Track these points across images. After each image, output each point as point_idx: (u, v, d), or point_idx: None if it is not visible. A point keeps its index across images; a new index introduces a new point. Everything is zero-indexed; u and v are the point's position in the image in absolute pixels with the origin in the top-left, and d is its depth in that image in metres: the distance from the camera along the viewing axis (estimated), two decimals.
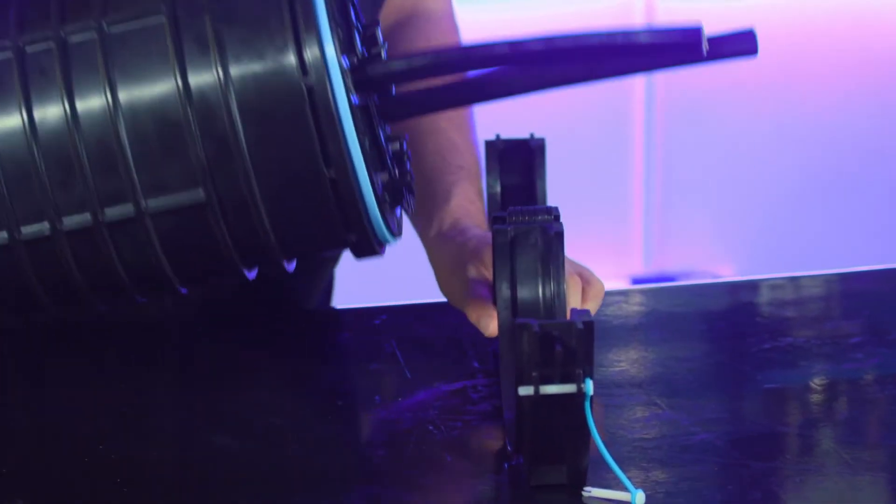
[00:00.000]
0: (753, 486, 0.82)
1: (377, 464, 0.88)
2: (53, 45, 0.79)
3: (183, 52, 0.77)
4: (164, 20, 0.78)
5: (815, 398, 0.97)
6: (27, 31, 0.80)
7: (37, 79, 0.79)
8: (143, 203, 0.78)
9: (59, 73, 0.79)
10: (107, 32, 0.79)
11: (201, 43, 0.77)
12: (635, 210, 2.78)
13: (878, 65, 2.75)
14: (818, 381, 0.99)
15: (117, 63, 0.78)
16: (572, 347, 0.77)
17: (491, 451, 0.89)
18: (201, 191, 0.78)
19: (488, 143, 1.11)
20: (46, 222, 0.79)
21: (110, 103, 0.78)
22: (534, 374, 0.77)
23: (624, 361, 1.03)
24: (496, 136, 1.12)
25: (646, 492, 0.79)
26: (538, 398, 0.78)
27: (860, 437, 0.90)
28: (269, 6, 0.77)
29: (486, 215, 1.11)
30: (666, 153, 2.75)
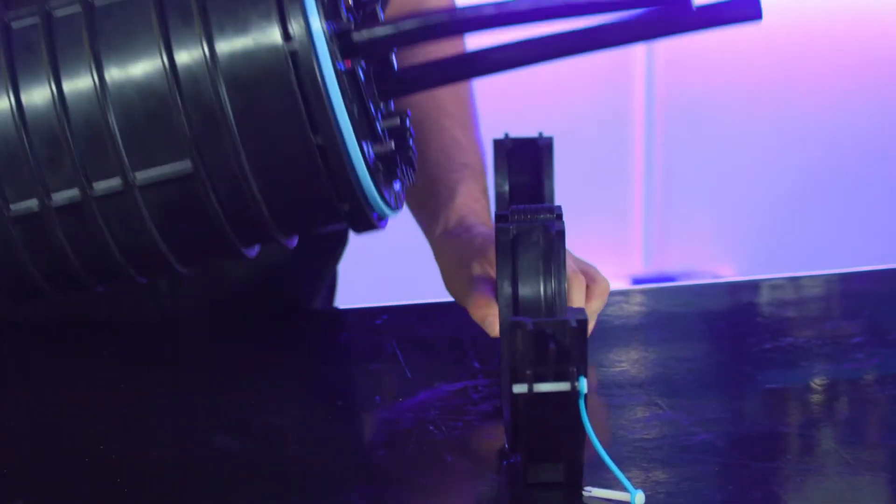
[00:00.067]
0: (754, 486, 0.82)
1: (377, 464, 0.88)
2: (39, 19, 0.79)
3: (167, 23, 0.77)
4: None
5: (815, 398, 0.97)
6: (12, 6, 0.80)
7: (23, 54, 0.79)
8: (131, 176, 0.78)
9: (44, 48, 0.79)
10: (92, 5, 0.79)
11: (185, 13, 0.77)
12: (635, 210, 2.78)
13: (878, 65, 2.74)
14: (818, 382, 0.99)
15: (102, 36, 0.78)
16: (566, 346, 0.78)
17: (491, 452, 0.89)
18: (189, 162, 0.77)
19: (496, 142, 1.11)
20: (35, 199, 0.79)
21: (96, 77, 0.78)
22: (528, 372, 0.78)
23: (624, 361, 1.03)
24: (505, 134, 1.11)
25: (646, 492, 0.79)
26: (532, 396, 0.78)
27: (861, 437, 0.90)
28: None
29: (492, 213, 1.11)
30: (666, 153, 2.75)
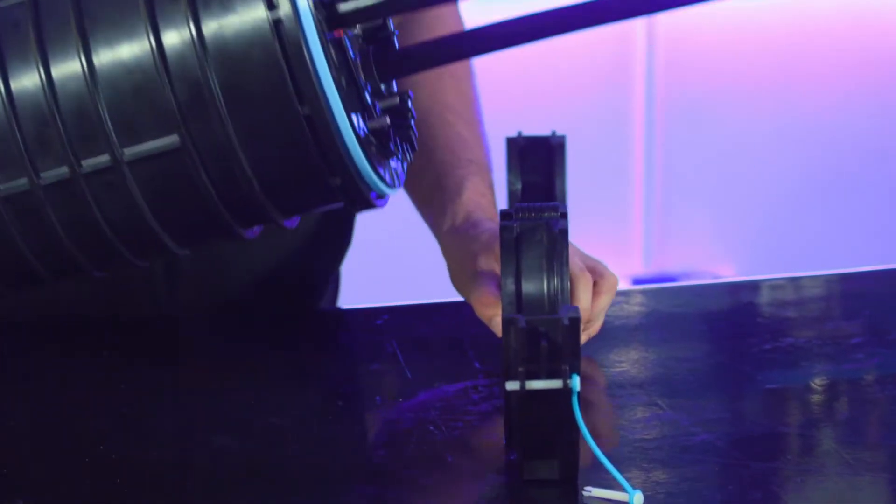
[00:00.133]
0: (754, 486, 0.82)
1: (377, 464, 0.88)
2: None
3: None
4: None
5: (815, 398, 0.97)
6: None
7: (10, 32, 0.79)
8: (119, 151, 0.78)
9: (31, 25, 0.79)
10: None
11: None
12: (635, 210, 2.78)
13: (878, 65, 2.75)
14: (819, 382, 0.99)
15: (88, 12, 0.78)
16: (558, 343, 0.78)
17: (491, 452, 0.89)
18: (176, 136, 0.77)
19: (509, 140, 1.11)
20: (25, 178, 0.79)
21: (82, 53, 0.78)
22: (520, 369, 0.78)
23: (625, 362, 1.03)
24: (518, 132, 1.11)
25: (646, 492, 0.79)
26: (525, 393, 0.78)
27: (861, 437, 0.90)
28: None
29: (498, 208, 1.11)
30: (666, 153, 2.75)
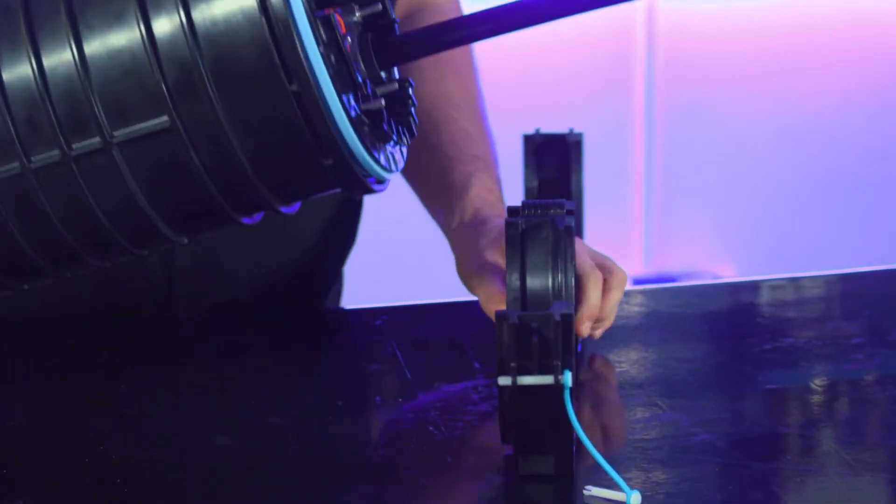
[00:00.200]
0: (754, 486, 0.82)
1: (377, 464, 0.88)
2: None
3: None
4: None
5: (815, 399, 0.97)
6: None
7: (0, 16, 0.79)
8: (109, 133, 0.78)
9: (21, 8, 0.79)
10: None
11: None
12: (635, 210, 2.78)
13: (878, 65, 2.75)
14: (819, 382, 0.99)
15: None
16: (550, 339, 0.78)
17: (491, 451, 0.89)
18: (165, 117, 0.77)
19: (526, 138, 1.11)
20: (16, 162, 0.79)
21: (71, 35, 0.78)
22: (512, 364, 0.78)
23: (624, 362, 1.03)
24: (536, 130, 1.11)
25: (646, 492, 0.79)
26: (517, 389, 0.78)
27: (861, 437, 0.90)
28: None
29: (505, 203, 1.11)
30: (666, 153, 2.76)
